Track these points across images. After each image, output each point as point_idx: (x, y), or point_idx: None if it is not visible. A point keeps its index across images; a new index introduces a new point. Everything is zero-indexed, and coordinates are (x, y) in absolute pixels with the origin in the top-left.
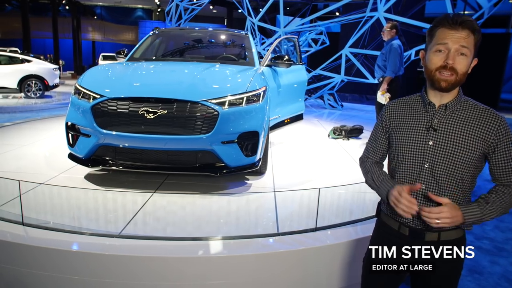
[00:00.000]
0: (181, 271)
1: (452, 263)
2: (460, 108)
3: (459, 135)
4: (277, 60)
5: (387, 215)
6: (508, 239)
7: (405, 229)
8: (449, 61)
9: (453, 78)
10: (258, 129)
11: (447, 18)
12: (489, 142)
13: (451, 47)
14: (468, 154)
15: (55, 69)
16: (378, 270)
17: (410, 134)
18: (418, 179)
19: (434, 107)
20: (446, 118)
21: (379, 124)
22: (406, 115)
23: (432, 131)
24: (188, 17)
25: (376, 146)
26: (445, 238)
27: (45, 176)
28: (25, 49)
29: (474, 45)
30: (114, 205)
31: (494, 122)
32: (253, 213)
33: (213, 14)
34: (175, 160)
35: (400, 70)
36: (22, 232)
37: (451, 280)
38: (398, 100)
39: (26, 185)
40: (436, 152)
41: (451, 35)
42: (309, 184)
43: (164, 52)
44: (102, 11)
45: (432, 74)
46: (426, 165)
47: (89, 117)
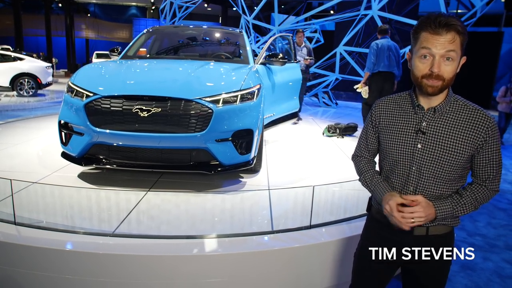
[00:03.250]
0: (176, 269)
1: (441, 258)
2: (450, 109)
3: (448, 139)
4: (272, 58)
5: (377, 210)
6: (500, 235)
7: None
8: (434, 69)
9: (440, 84)
10: (253, 127)
11: (430, 21)
12: (477, 143)
13: (436, 53)
14: (456, 157)
15: (48, 67)
16: (370, 263)
17: (399, 136)
18: (406, 180)
19: (423, 110)
20: (435, 121)
21: (369, 122)
22: (395, 115)
23: (421, 134)
24: (183, 15)
25: (367, 143)
26: (433, 232)
27: (38, 174)
28: (17, 47)
29: (461, 46)
30: (107, 203)
31: (483, 124)
32: (247, 211)
33: (208, 12)
34: (169, 158)
35: (380, 67)
36: (15, 232)
37: (440, 275)
38: (388, 98)
39: (19, 184)
40: (424, 155)
41: (435, 40)
42: (303, 182)
43: (158, 50)
44: (95, 8)
45: (419, 80)
46: (414, 168)
47: (82, 115)
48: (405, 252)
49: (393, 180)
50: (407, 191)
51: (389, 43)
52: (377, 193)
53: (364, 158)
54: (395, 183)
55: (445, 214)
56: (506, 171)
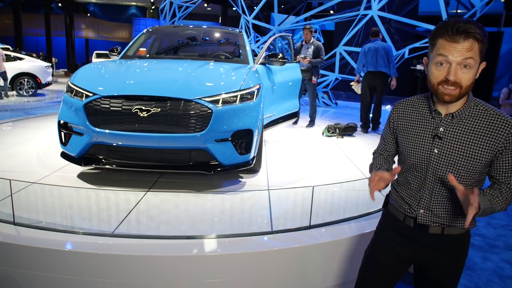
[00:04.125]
0: (175, 269)
1: (455, 258)
2: (469, 114)
3: (466, 145)
4: (271, 58)
5: (394, 207)
6: (499, 235)
7: (410, 221)
8: (450, 77)
9: (457, 92)
10: (252, 127)
11: (447, 28)
12: (497, 149)
13: (452, 61)
14: (474, 163)
15: (47, 67)
16: (382, 258)
17: (416, 140)
18: (423, 183)
19: (440, 115)
20: (453, 127)
21: (387, 124)
22: (412, 118)
23: (438, 140)
24: (182, 14)
25: (385, 145)
26: (448, 232)
27: (37, 175)
28: (17, 46)
29: (480, 53)
30: (107, 203)
31: (504, 129)
32: (247, 211)
33: (208, 12)
34: (169, 158)
35: (369, 68)
36: (14, 232)
37: (452, 276)
38: (406, 100)
39: (18, 184)
40: (440, 160)
41: (452, 47)
42: (303, 182)
43: (158, 50)
44: (95, 8)
45: (435, 88)
46: (430, 172)
47: (82, 115)
48: (418, 249)
49: (410, 182)
50: (423, 194)
51: (377, 45)
52: (372, 167)
53: (382, 156)
54: (412, 185)
55: (485, 208)
56: None
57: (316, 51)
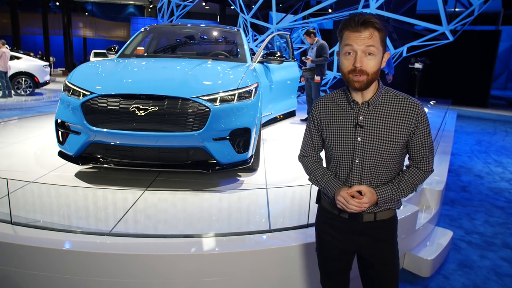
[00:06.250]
0: (173, 268)
1: (389, 241)
2: (382, 101)
3: (383, 129)
4: (269, 56)
5: (327, 201)
6: (497, 233)
7: (345, 213)
8: (357, 64)
9: (365, 78)
10: (250, 125)
11: (351, 21)
12: (410, 130)
13: (357, 49)
14: (394, 145)
15: (45, 66)
16: (329, 253)
17: (339, 131)
18: (350, 172)
19: (358, 105)
20: (370, 114)
21: (311, 121)
22: (333, 112)
23: (359, 128)
24: (180, 13)
25: (312, 142)
26: (380, 218)
27: (35, 174)
28: (14, 45)
29: (381, 41)
30: (104, 202)
31: (413, 111)
32: (245, 210)
33: (206, 11)
34: (167, 157)
35: None
36: (11, 231)
37: (391, 256)
38: (326, 96)
39: (15, 183)
40: (364, 147)
41: (355, 37)
42: (301, 181)
43: (155, 49)
44: (93, 7)
45: (347, 77)
46: (357, 160)
47: (79, 114)
48: (356, 238)
49: (339, 173)
50: (352, 182)
51: None
52: (329, 189)
53: (311, 158)
54: (341, 175)
55: (386, 199)
56: (504, 170)
57: (318, 50)
